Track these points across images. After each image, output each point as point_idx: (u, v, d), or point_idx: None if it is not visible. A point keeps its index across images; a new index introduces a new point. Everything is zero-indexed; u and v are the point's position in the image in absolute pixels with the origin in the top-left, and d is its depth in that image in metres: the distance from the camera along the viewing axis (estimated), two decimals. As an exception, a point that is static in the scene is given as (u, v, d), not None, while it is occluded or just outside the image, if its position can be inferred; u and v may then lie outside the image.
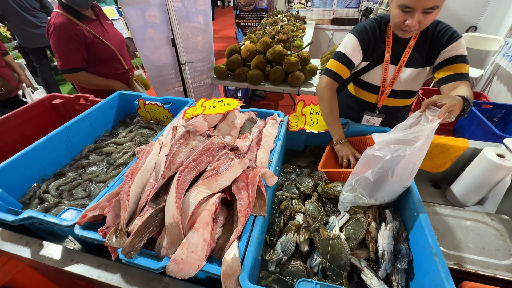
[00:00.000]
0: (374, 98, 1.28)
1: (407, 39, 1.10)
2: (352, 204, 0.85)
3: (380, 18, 1.16)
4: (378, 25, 1.15)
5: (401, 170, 0.77)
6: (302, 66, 2.41)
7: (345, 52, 1.15)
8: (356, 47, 1.14)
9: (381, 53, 1.16)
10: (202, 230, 0.68)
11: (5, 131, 1.42)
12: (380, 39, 1.15)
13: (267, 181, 0.85)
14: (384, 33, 1.15)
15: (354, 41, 1.15)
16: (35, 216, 0.77)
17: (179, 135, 0.84)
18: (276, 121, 1.17)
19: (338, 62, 1.16)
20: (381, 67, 1.18)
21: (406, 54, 1.11)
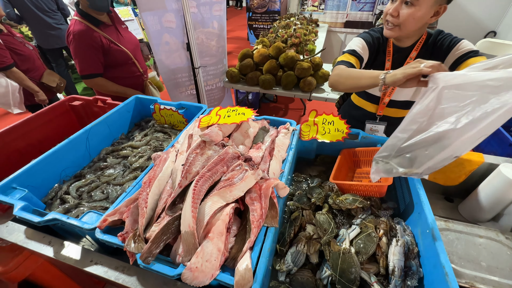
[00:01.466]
0: (372, 108, 1.30)
1: (408, 50, 1.12)
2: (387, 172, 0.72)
3: (381, 29, 1.19)
4: (380, 35, 1.19)
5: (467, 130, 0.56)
6: (314, 72, 2.41)
7: (355, 48, 1.18)
8: (365, 47, 1.18)
9: (382, 63, 1.19)
10: (217, 240, 0.70)
11: (28, 131, 1.49)
12: (382, 48, 1.19)
13: (279, 192, 0.87)
14: (385, 43, 1.18)
15: (361, 41, 1.19)
16: (58, 218, 0.81)
17: (195, 144, 0.87)
18: (289, 130, 1.18)
19: (350, 55, 1.18)
20: None
21: None
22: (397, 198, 1.08)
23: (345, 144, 1.24)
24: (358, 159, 1.25)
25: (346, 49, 1.21)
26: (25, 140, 1.48)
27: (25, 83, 2.20)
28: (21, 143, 1.46)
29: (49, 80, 2.40)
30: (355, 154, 1.25)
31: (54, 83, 2.43)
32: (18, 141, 1.44)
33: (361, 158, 1.24)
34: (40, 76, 2.37)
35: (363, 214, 0.94)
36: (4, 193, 0.94)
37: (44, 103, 2.36)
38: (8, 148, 1.39)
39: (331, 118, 1.23)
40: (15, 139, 1.42)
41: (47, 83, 2.39)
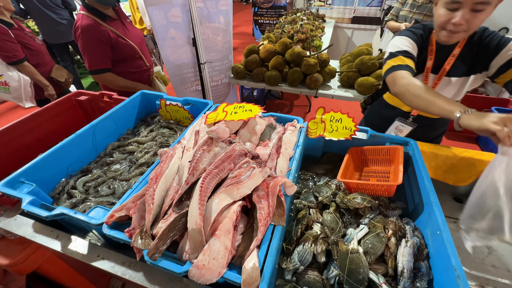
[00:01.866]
0: (408, 107, 1.25)
1: (451, 48, 1.05)
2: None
3: (423, 26, 1.13)
4: (423, 32, 1.12)
5: None
6: (321, 68, 2.38)
7: (405, 48, 1.06)
8: (414, 45, 1.09)
9: (423, 61, 1.13)
10: (224, 238, 0.70)
11: (35, 126, 1.50)
12: (424, 46, 1.12)
13: (287, 190, 0.86)
14: (427, 41, 1.11)
15: (409, 40, 1.09)
16: (66, 213, 0.82)
17: (202, 141, 0.86)
18: (296, 127, 1.16)
19: (406, 58, 1.04)
20: (421, 76, 1.15)
21: (449, 62, 1.07)
22: (406, 198, 1.06)
23: (353, 142, 1.22)
24: (366, 157, 1.23)
25: (396, 50, 1.08)
26: (33, 135, 1.49)
27: (36, 77, 2.22)
28: (28, 137, 1.47)
29: (57, 75, 2.42)
30: (363, 153, 1.23)
31: (62, 78, 2.44)
32: (25, 135, 1.45)
33: (369, 157, 1.22)
34: (49, 71, 2.39)
35: (371, 213, 0.93)
36: (12, 187, 0.94)
37: (52, 98, 2.38)
38: (16, 143, 1.40)
39: (339, 116, 1.21)
40: (22, 133, 1.43)
41: (56, 78, 2.41)
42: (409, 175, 1.09)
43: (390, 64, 1.07)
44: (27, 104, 2.29)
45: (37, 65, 2.26)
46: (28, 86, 2.23)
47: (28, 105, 2.30)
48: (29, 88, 2.24)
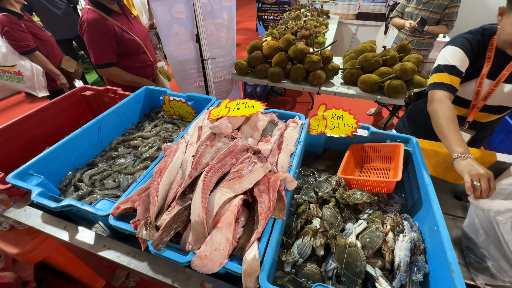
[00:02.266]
0: (462, 112, 1.23)
1: None
2: None
3: (482, 30, 1.10)
4: (481, 38, 1.09)
5: None
6: (324, 65, 2.38)
7: (454, 63, 1.08)
8: (464, 59, 1.08)
9: (479, 67, 1.10)
10: (225, 230, 0.72)
11: (42, 120, 1.53)
12: (481, 53, 1.09)
13: (287, 185, 0.88)
14: (486, 47, 1.09)
15: (459, 52, 1.08)
16: (73, 205, 0.85)
17: (205, 136, 0.88)
18: (297, 124, 1.18)
19: (451, 75, 1.07)
20: (475, 81, 1.13)
21: (509, 68, 1.05)
22: (405, 195, 1.08)
23: (354, 139, 1.23)
24: (367, 154, 1.24)
25: (444, 64, 1.09)
26: (40, 129, 1.52)
27: (47, 66, 2.25)
28: (36, 131, 1.50)
29: (67, 65, 2.46)
30: (363, 150, 1.24)
31: (72, 68, 2.48)
32: (33, 129, 1.48)
33: (370, 154, 1.23)
34: (59, 62, 2.43)
35: (370, 209, 0.94)
36: (21, 179, 0.98)
37: (65, 87, 2.43)
38: (23, 136, 1.44)
39: (340, 113, 1.22)
40: (30, 127, 1.47)
41: (66, 69, 2.45)
42: (409, 172, 1.10)
43: (434, 79, 1.11)
44: (40, 93, 2.33)
45: (47, 55, 2.30)
46: (41, 75, 2.27)
47: (41, 94, 2.34)
48: (41, 78, 2.28)
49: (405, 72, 2.03)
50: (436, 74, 1.12)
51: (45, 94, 2.37)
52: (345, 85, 2.38)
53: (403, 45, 2.30)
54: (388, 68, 2.16)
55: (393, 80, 2.07)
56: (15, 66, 2.17)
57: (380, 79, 2.13)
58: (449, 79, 1.07)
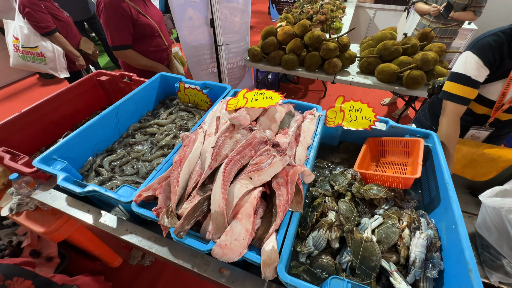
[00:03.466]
0: (483, 110, 1.20)
1: None
2: None
3: (510, 30, 1.04)
4: (507, 39, 1.04)
5: None
6: (340, 53, 2.30)
7: (469, 74, 1.07)
8: (482, 69, 1.06)
9: (506, 70, 1.06)
10: (245, 221, 0.74)
11: (61, 105, 1.56)
12: (508, 55, 1.04)
13: (305, 178, 0.88)
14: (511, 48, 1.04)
15: (476, 62, 1.06)
16: (97, 190, 0.88)
17: (224, 128, 0.89)
18: (315, 116, 1.16)
19: (463, 86, 1.09)
20: (501, 82, 1.09)
21: None
22: (422, 191, 1.07)
23: (371, 133, 1.21)
24: (384, 148, 1.22)
25: (460, 72, 1.09)
26: (59, 113, 1.56)
27: (67, 47, 2.28)
28: (55, 115, 1.54)
29: (85, 47, 2.47)
30: (381, 143, 1.23)
31: (90, 50, 2.50)
32: (52, 113, 1.52)
33: (387, 148, 1.21)
34: (77, 43, 2.44)
35: (386, 204, 0.94)
36: (46, 164, 1.02)
37: (83, 68, 2.46)
38: (44, 120, 1.48)
39: (359, 105, 1.19)
40: (49, 111, 1.50)
41: (84, 50, 2.46)
42: (427, 168, 1.09)
43: (449, 87, 1.13)
44: (62, 74, 2.37)
45: (66, 36, 2.31)
46: (62, 56, 2.30)
47: (63, 75, 2.38)
48: (62, 59, 2.31)
49: (426, 62, 1.94)
50: (450, 82, 1.13)
51: (66, 75, 2.41)
52: (361, 75, 2.31)
53: (426, 33, 2.19)
54: (408, 57, 2.07)
55: (413, 71, 1.99)
56: (38, 47, 2.20)
57: (399, 69, 2.05)
58: (461, 91, 1.10)
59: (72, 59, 2.37)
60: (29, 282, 1.01)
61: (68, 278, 1.19)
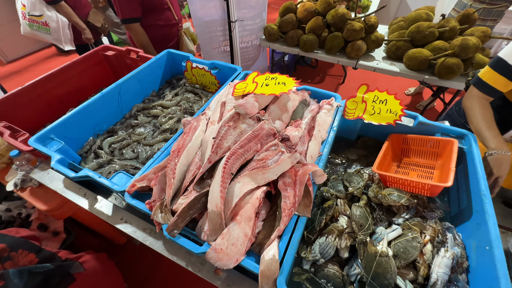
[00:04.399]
0: None
1: None
2: None
3: None
4: None
5: None
6: (366, 35, 2.07)
7: None
8: None
9: None
10: (244, 224, 0.66)
11: (66, 80, 1.50)
12: None
13: (316, 179, 0.78)
14: None
15: None
16: (91, 176, 0.82)
17: (228, 116, 0.78)
18: (332, 106, 1.03)
19: (498, 74, 0.95)
20: None
21: None
22: (449, 199, 0.94)
23: (396, 128, 1.07)
24: (408, 147, 1.09)
25: (499, 58, 0.95)
26: (64, 88, 1.51)
27: (73, 19, 2.19)
28: (60, 90, 1.49)
29: (94, 19, 2.37)
30: (405, 141, 1.09)
31: (99, 23, 2.40)
32: (57, 88, 1.47)
33: (412, 147, 1.07)
34: (86, 15, 2.35)
35: (407, 213, 0.83)
36: (43, 143, 0.97)
37: (90, 42, 2.38)
38: (49, 95, 1.44)
39: (384, 96, 1.05)
40: (54, 86, 1.45)
41: (93, 23, 2.37)
42: (458, 173, 0.95)
43: (484, 74, 1.00)
44: (66, 46, 2.31)
45: (74, 7, 2.21)
46: (67, 28, 2.22)
47: (67, 47, 2.32)
48: (67, 30, 2.23)
49: (465, 49, 1.70)
50: (490, 68, 0.98)
51: (71, 48, 2.34)
52: (388, 60, 2.09)
53: (468, 14, 1.91)
54: (444, 42, 1.83)
55: (448, 58, 1.76)
56: (42, 16, 2.12)
57: (432, 56, 1.82)
58: (493, 80, 0.97)
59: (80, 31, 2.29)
60: (33, 256, 1.01)
61: (72, 255, 1.19)
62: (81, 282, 1.10)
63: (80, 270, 1.12)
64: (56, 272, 1.01)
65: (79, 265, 1.13)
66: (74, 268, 1.09)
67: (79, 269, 1.12)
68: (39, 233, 1.55)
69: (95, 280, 1.19)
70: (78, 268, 1.12)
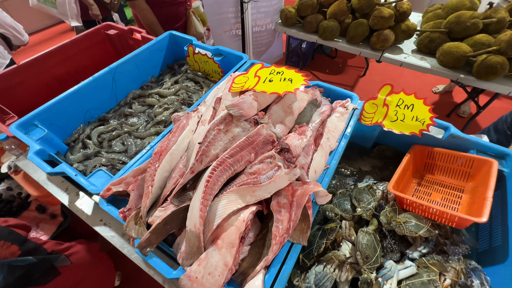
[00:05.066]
0: None
1: None
2: None
3: None
4: None
5: None
6: (396, 23, 1.83)
7: None
8: None
9: None
10: (225, 251, 0.55)
11: (65, 59, 1.42)
12: None
13: (318, 199, 0.66)
14: None
15: None
16: (66, 173, 0.74)
17: (219, 118, 0.66)
18: (347, 109, 0.88)
19: None
20: None
21: None
22: (478, 231, 0.79)
23: (420, 139, 0.91)
24: (434, 162, 0.93)
25: None
26: (63, 68, 1.43)
27: None
28: (59, 70, 1.41)
29: None
30: (431, 155, 0.93)
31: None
32: (56, 68, 1.39)
33: (438, 163, 0.92)
34: None
35: (424, 246, 0.70)
36: (25, 130, 0.90)
37: (97, 19, 2.29)
38: (47, 75, 1.36)
39: (411, 100, 0.88)
40: (53, 65, 1.37)
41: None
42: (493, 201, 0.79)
43: None
44: (72, 22, 2.22)
45: None
46: (73, 2, 2.12)
47: (73, 23, 2.23)
48: (73, 5, 2.14)
49: (514, 46, 1.45)
50: None
51: (78, 25, 2.25)
52: (418, 54, 1.85)
53: (522, 4, 1.62)
54: (488, 36, 1.57)
55: (491, 55, 1.51)
56: None
57: (472, 52, 1.58)
58: None
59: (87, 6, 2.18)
60: (15, 248, 0.98)
61: (60, 246, 1.16)
62: (66, 275, 1.07)
63: (66, 263, 1.08)
64: (39, 266, 0.97)
65: (65, 258, 1.10)
66: (60, 261, 1.06)
67: (65, 262, 1.08)
68: (37, 215, 1.54)
69: (83, 273, 1.16)
70: (64, 261, 1.08)
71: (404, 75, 3.10)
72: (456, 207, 0.80)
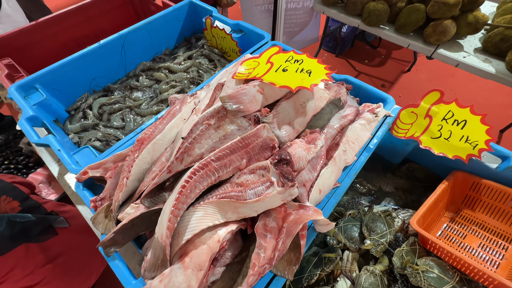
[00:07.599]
0: None
1: None
2: None
3: None
4: None
5: None
6: (461, 13, 1.50)
7: None
8: None
9: None
10: (191, 273, 0.47)
11: (85, 20, 1.36)
12: None
13: (318, 227, 0.54)
14: None
15: None
16: (50, 145, 0.69)
17: (211, 110, 0.55)
18: (378, 116, 0.71)
19: None
20: None
21: None
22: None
23: (465, 165, 0.72)
24: (478, 196, 0.74)
25: None
26: (82, 29, 1.38)
27: None
28: (78, 31, 1.36)
29: None
30: (476, 187, 0.74)
31: None
32: (75, 29, 1.34)
33: (484, 198, 0.73)
34: None
35: (444, 305, 0.55)
36: (24, 93, 0.86)
37: None
38: (65, 35, 1.32)
39: (463, 115, 0.69)
40: (72, 26, 1.32)
41: None
42: (551, 263, 0.61)
43: None
44: None
45: None
46: None
47: None
48: None
49: None
50: None
51: None
52: (482, 54, 1.52)
53: None
54: None
55: None
56: None
57: (556, 58, 1.24)
58: None
59: None
60: (16, 203, 1.00)
61: (60, 208, 1.18)
62: (63, 237, 1.09)
63: (64, 225, 1.10)
64: (37, 224, 0.99)
65: (64, 220, 1.11)
66: (58, 222, 1.07)
67: (63, 224, 1.10)
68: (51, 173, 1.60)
69: (80, 238, 1.18)
70: (62, 223, 1.10)
71: (457, 76, 2.67)
72: (497, 260, 0.63)
